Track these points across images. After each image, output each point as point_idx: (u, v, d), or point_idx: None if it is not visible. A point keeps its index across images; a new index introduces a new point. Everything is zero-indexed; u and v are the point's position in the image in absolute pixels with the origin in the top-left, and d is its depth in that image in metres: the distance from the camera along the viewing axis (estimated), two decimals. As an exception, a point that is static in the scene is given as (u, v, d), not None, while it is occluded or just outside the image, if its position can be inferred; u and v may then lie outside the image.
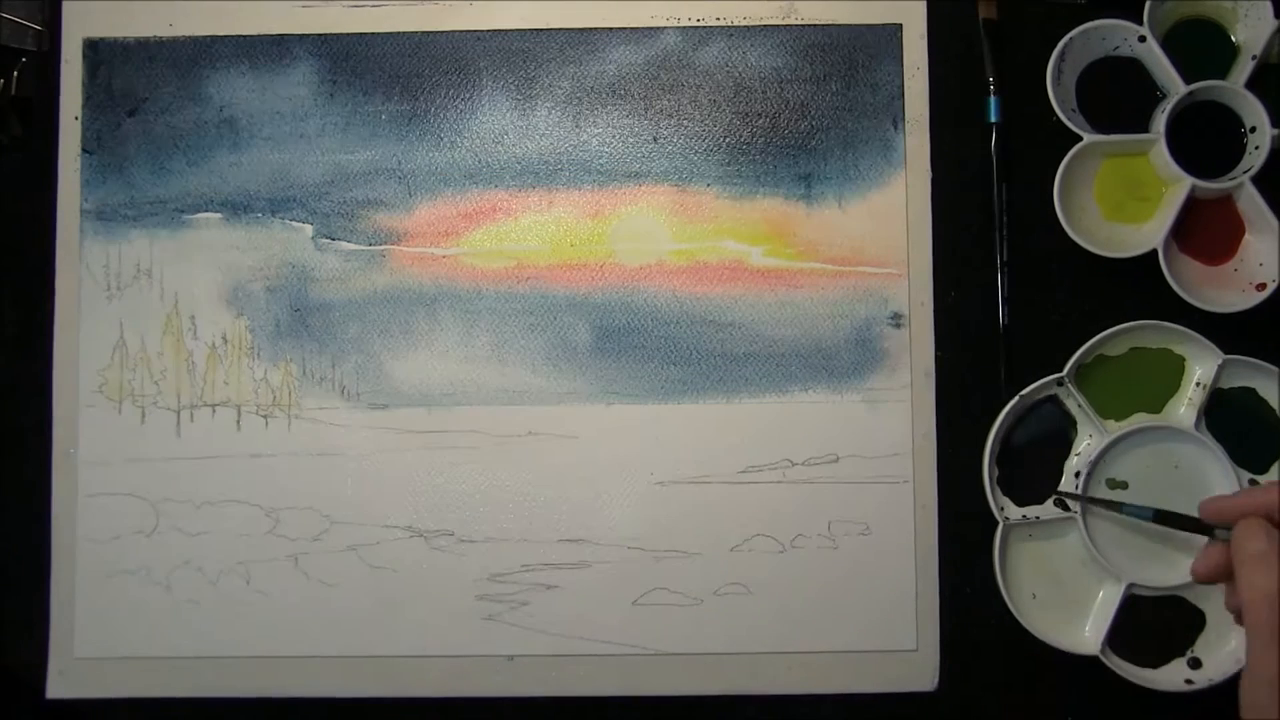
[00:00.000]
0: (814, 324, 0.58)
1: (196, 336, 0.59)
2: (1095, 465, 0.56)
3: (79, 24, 0.60)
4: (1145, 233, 0.57)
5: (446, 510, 0.58)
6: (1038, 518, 0.56)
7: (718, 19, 0.59)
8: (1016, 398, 0.56)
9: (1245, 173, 0.56)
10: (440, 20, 0.60)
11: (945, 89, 0.59)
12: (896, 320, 0.58)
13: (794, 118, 0.59)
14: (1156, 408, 0.57)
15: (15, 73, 0.59)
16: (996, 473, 0.57)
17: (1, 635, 0.58)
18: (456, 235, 0.59)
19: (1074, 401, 0.57)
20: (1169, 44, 0.57)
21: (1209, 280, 0.57)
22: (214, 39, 0.60)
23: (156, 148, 0.59)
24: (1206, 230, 0.57)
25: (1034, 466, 0.57)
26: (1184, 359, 0.57)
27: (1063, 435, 0.57)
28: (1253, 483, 0.56)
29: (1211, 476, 0.56)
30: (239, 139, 0.59)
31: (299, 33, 0.60)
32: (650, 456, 0.58)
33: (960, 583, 0.57)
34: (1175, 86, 0.56)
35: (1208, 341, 0.56)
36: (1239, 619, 0.45)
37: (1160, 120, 0.56)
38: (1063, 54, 0.57)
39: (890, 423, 0.58)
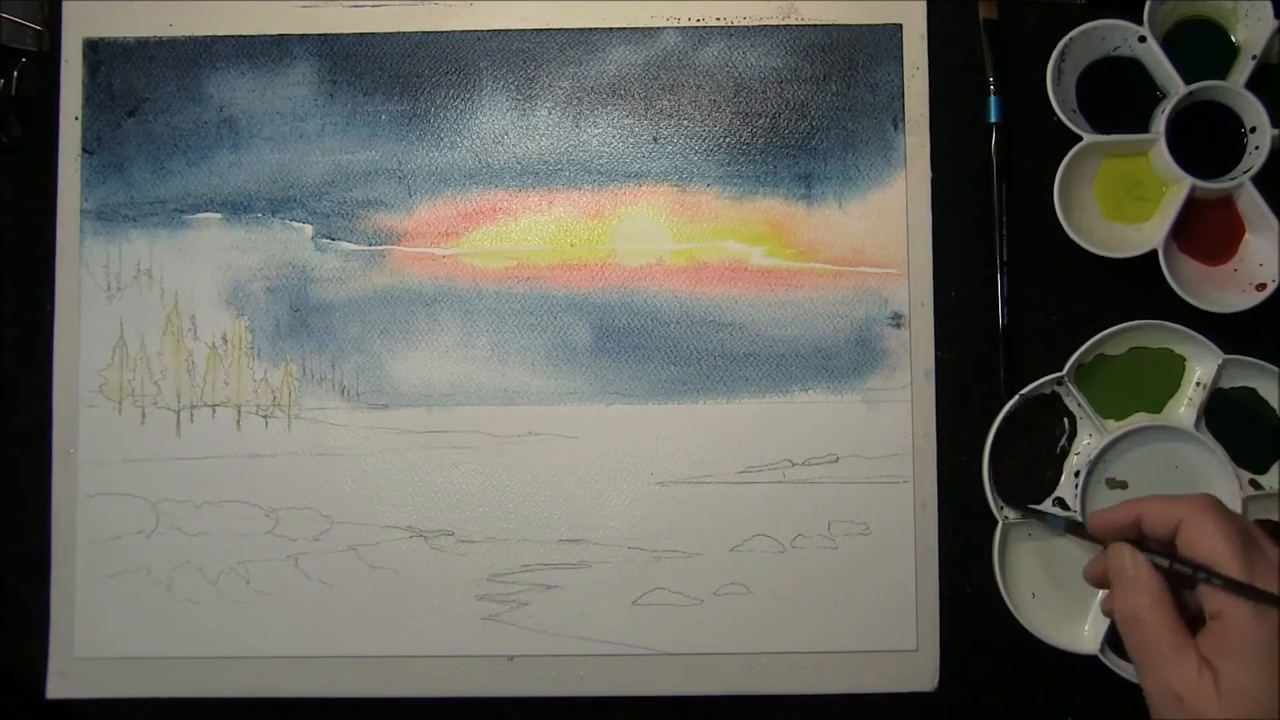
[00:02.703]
0: (814, 324, 0.58)
1: (196, 336, 0.59)
2: (1095, 465, 0.56)
3: (79, 24, 0.60)
4: (1145, 233, 0.57)
5: (446, 510, 0.58)
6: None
7: (718, 19, 0.59)
8: (1016, 397, 0.56)
9: (1245, 173, 0.56)
10: (440, 20, 0.60)
11: (945, 89, 0.59)
12: (896, 320, 0.58)
13: (794, 118, 0.59)
14: (1156, 407, 0.57)
15: (15, 73, 0.59)
16: (996, 473, 0.57)
17: (1, 635, 0.58)
18: (456, 235, 0.59)
19: (1074, 401, 0.57)
20: (1169, 44, 0.57)
21: (1209, 280, 0.57)
22: (214, 39, 0.60)
23: (156, 148, 0.59)
24: (1206, 230, 0.57)
25: (1034, 466, 0.57)
26: (1184, 359, 0.57)
27: (1063, 435, 0.57)
28: (1253, 483, 0.56)
29: (1211, 476, 0.56)
30: (239, 139, 0.59)
31: (299, 33, 0.60)
32: (650, 456, 0.58)
33: (960, 583, 0.57)
34: (1175, 86, 0.56)
35: (1208, 341, 0.56)
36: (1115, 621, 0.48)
37: (1160, 120, 0.56)
38: (1063, 54, 0.57)
39: (890, 423, 0.58)
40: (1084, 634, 0.56)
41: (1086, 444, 0.57)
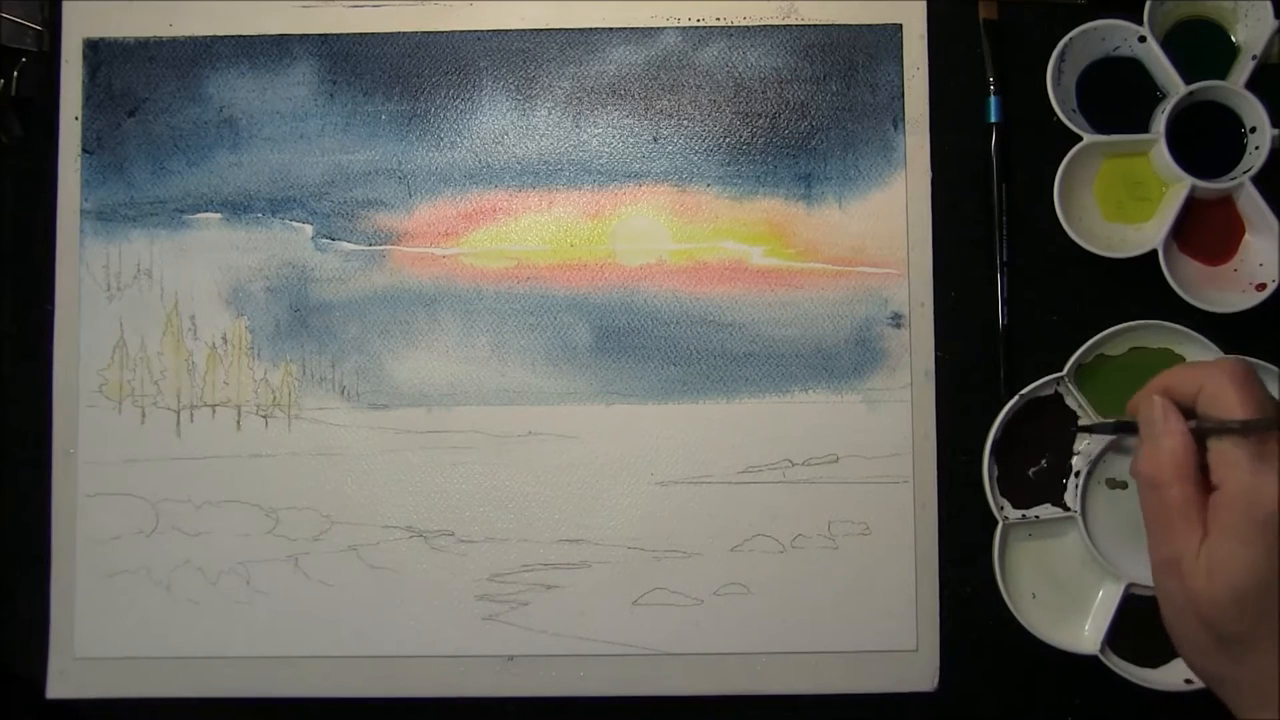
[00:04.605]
0: (814, 324, 0.58)
1: (196, 336, 0.59)
2: (1095, 465, 0.56)
3: (79, 24, 0.60)
4: (1145, 233, 0.57)
5: (446, 510, 0.58)
6: (1037, 517, 0.56)
7: (718, 19, 0.59)
8: (1016, 397, 0.56)
9: (1245, 173, 0.56)
10: (440, 20, 0.60)
11: (945, 89, 0.59)
12: (896, 320, 0.58)
13: (794, 118, 0.59)
14: (1156, 408, 0.57)
15: (15, 73, 0.59)
16: (996, 472, 0.57)
17: (1, 635, 0.58)
18: (456, 235, 0.59)
19: (1074, 401, 0.57)
20: (1169, 44, 0.57)
21: (1209, 280, 0.57)
22: (214, 39, 0.60)
23: (156, 148, 0.59)
24: (1206, 230, 0.57)
25: (1034, 466, 0.57)
26: (1184, 359, 0.57)
27: (1063, 435, 0.57)
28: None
29: (1211, 476, 0.56)
30: (239, 139, 0.59)
31: (299, 33, 0.60)
32: (650, 456, 0.58)
33: (960, 583, 0.57)
34: (1175, 86, 0.56)
35: (1208, 341, 0.56)
36: None
37: (1160, 120, 0.56)
38: (1063, 54, 0.57)
39: (890, 423, 0.58)
40: (1084, 634, 0.56)
41: (1087, 444, 0.57)
